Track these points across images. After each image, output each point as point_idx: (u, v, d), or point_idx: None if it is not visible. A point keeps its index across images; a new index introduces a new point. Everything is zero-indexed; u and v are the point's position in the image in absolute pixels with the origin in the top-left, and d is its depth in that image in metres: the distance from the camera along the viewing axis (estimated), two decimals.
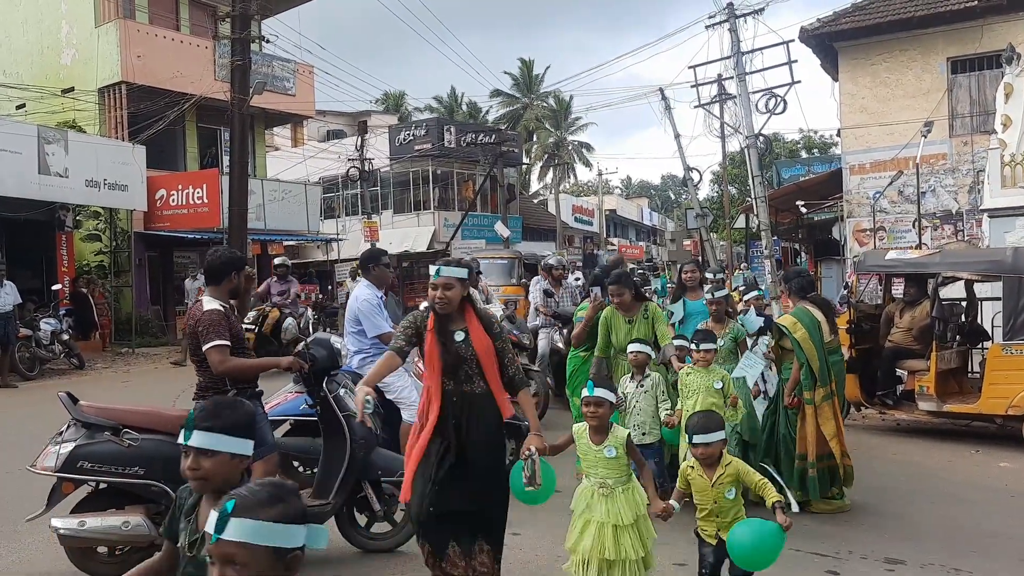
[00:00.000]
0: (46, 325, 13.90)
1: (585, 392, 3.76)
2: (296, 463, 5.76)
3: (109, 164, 16.71)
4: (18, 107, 19.58)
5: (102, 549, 4.64)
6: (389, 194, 32.10)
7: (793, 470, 5.69)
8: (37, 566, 4.81)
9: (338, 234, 25.86)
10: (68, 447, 4.42)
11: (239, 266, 4.73)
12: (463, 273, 3.84)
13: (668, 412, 5.34)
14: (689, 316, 6.86)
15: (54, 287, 15.75)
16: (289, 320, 4.94)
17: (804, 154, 44.52)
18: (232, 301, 4.70)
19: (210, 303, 4.47)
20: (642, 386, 5.45)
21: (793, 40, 15.14)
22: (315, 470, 5.04)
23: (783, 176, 25.30)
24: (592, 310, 6.42)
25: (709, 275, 8.34)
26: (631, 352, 5.49)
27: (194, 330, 4.45)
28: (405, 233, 30.47)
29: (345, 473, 4.77)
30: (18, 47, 21.39)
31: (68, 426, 4.55)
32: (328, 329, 20.72)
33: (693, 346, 5.34)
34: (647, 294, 7.98)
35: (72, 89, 19.38)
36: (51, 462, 4.44)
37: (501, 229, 26.92)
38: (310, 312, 8.27)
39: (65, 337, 14.17)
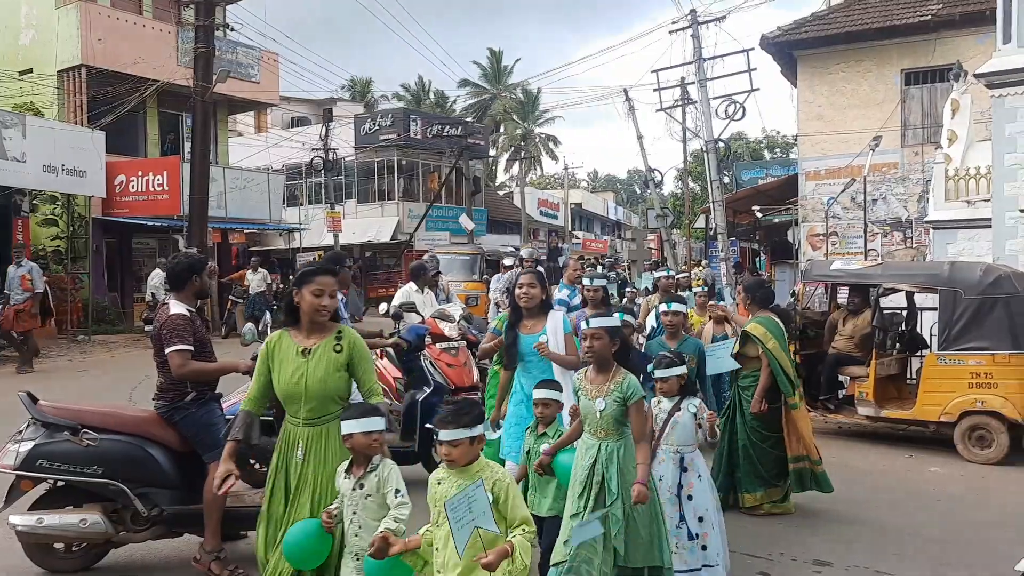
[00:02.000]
0: None
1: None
2: (253, 461, 5.88)
3: (67, 149, 16.49)
4: None
5: (59, 545, 4.76)
6: (353, 183, 32.00)
7: (756, 469, 6.00)
8: None
9: (301, 223, 25.79)
10: (27, 446, 4.52)
11: (198, 269, 4.87)
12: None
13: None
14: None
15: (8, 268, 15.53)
16: (248, 325, 5.06)
17: (767, 154, 45.26)
18: (199, 302, 4.86)
19: (176, 307, 4.61)
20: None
21: (753, 48, 15.51)
22: None
23: (743, 178, 25.78)
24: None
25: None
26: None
27: (158, 332, 4.59)
28: (369, 223, 30.43)
29: None
30: None
31: (27, 425, 4.64)
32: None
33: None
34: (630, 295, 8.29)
35: (30, 71, 19.06)
36: (10, 460, 4.53)
37: (466, 222, 27.05)
38: (268, 316, 8.33)
39: None
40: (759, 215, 18.83)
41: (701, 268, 25.26)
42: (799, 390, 6.08)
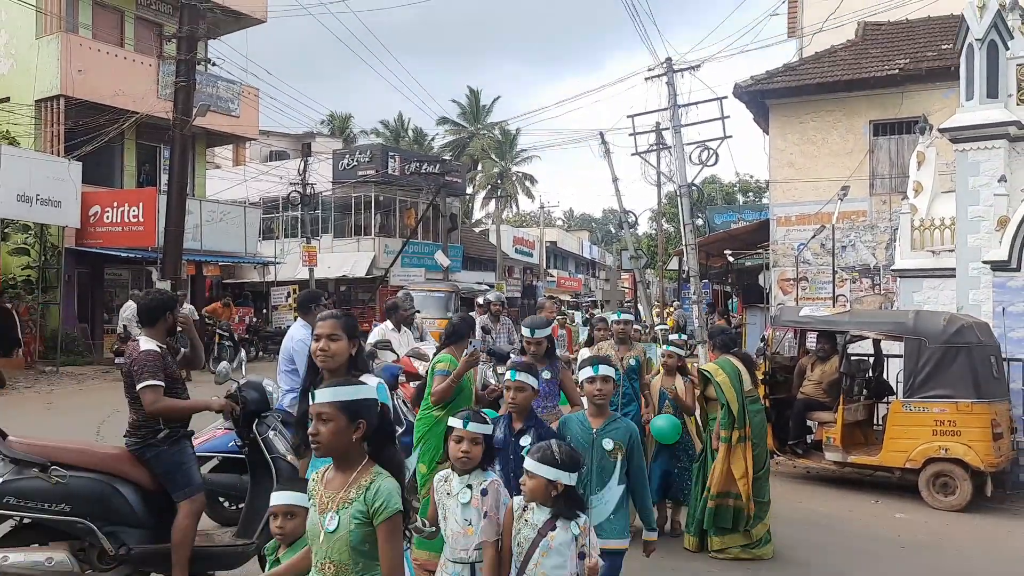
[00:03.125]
0: None
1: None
2: (222, 499, 5.86)
3: (43, 179, 16.42)
4: None
5: None
6: (330, 218, 32.05)
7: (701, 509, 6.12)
8: None
9: (276, 256, 25.74)
10: None
11: (170, 306, 4.90)
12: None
13: None
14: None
15: None
16: (223, 364, 5.07)
17: (740, 197, 45.99)
18: (169, 339, 4.87)
19: (146, 343, 4.62)
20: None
21: (727, 96, 15.83)
22: (241, 506, 5.16)
23: (716, 222, 26.18)
24: (465, 365, 5.26)
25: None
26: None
27: (129, 369, 4.59)
28: (344, 258, 30.42)
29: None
30: None
31: None
32: (261, 354, 20.60)
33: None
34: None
35: (7, 100, 19.01)
36: None
37: (441, 258, 27.14)
38: (243, 353, 8.28)
39: None
40: (731, 259, 19.12)
41: (673, 309, 25.53)
42: (740, 431, 6.13)
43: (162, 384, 4.53)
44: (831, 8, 17.39)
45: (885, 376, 9.64)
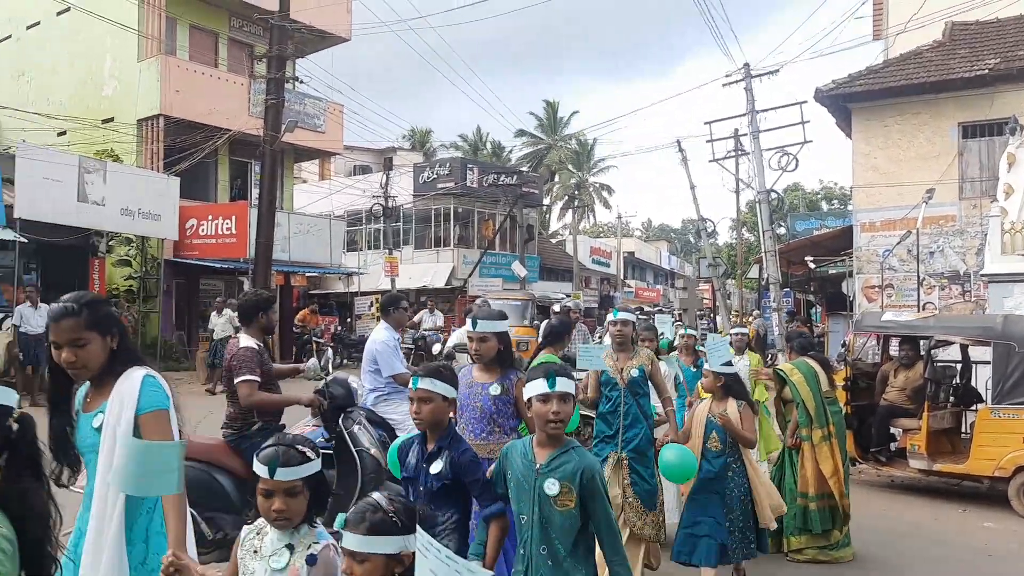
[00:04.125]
0: None
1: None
2: None
3: (144, 194, 17.40)
4: (59, 134, 20.45)
5: None
6: (411, 230, 32.75)
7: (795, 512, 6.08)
8: None
9: (359, 267, 26.47)
10: None
11: (266, 307, 5.23)
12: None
13: None
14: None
15: None
16: (311, 361, 5.38)
17: (824, 205, 44.90)
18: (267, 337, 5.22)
19: (245, 340, 4.96)
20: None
21: (807, 101, 15.60)
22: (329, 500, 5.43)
23: (797, 229, 25.67)
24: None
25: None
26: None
27: (229, 364, 4.93)
28: (424, 268, 31.03)
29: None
30: (63, 78, 22.30)
31: None
32: (346, 362, 21.23)
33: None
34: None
35: (112, 120, 20.21)
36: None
37: (518, 268, 27.41)
38: (330, 352, 8.72)
39: None
40: (812, 266, 18.74)
41: (753, 318, 25.11)
42: (823, 430, 6.12)
43: (258, 379, 4.85)
44: (916, 9, 16.95)
45: (973, 382, 9.36)
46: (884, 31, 20.15)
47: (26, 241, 14.93)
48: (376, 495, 2.14)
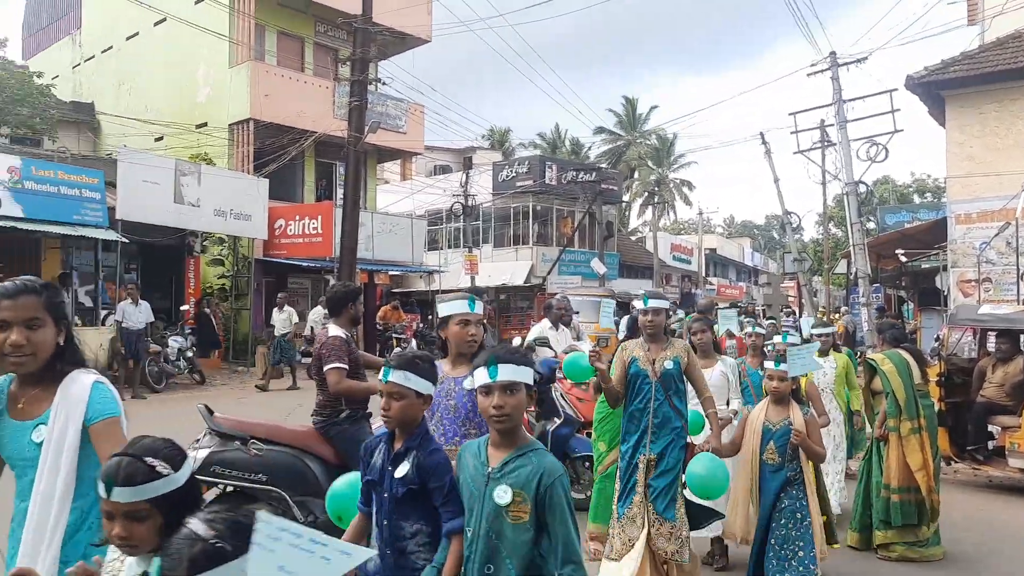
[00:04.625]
0: (173, 342, 15.18)
1: None
2: None
3: (236, 195, 18.09)
4: (156, 139, 21.42)
5: None
6: (490, 228, 32.99)
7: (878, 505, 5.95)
8: None
9: (440, 266, 26.84)
10: (204, 452, 5.07)
11: (354, 298, 5.42)
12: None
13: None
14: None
15: (181, 307, 17.11)
16: (396, 350, 5.59)
17: (916, 198, 43.23)
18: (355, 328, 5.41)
19: (334, 330, 5.16)
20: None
21: (897, 89, 15.05)
22: None
23: (887, 222, 24.79)
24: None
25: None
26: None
27: (318, 352, 5.13)
28: (503, 267, 31.22)
29: None
30: (160, 86, 23.35)
31: (204, 434, 5.21)
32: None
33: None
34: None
35: (205, 125, 21.06)
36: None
37: (597, 266, 27.30)
38: (414, 344, 8.95)
39: (189, 354, 15.43)
40: (904, 259, 18.09)
41: (841, 315, 24.37)
42: (912, 422, 5.96)
43: (346, 367, 5.02)
44: None
45: None
46: (979, 15, 19.27)
47: (127, 241, 15.70)
48: (193, 521, 1.54)
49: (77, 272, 16.25)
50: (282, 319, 15.53)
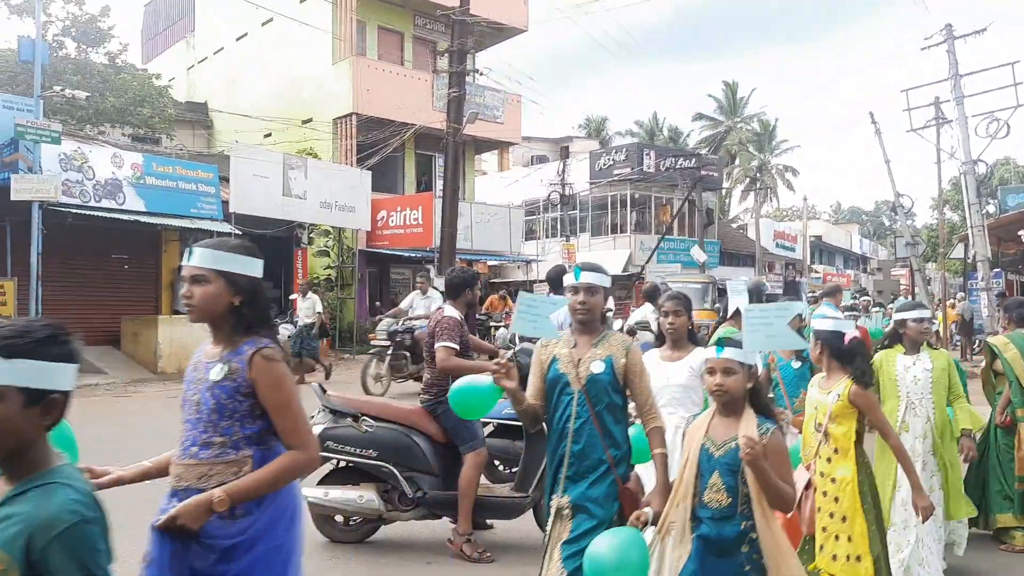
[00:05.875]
0: (284, 330, 15.75)
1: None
2: (497, 462, 6.41)
3: (340, 188, 18.68)
4: (265, 136, 22.28)
5: (339, 518, 5.50)
6: (587, 217, 32.90)
7: (1000, 496, 5.65)
8: None
9: (538, 255, 26.95)
10: (318, 429, 5.25)
11: (471, 283, 5.59)
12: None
13: None
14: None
15: (291, 297, 17.78)
16: (502, 330, 5.76)
17: None
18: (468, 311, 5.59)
19: (450, 311, 5.36)
20: None
21: (1019, 60, 14.19)
22: (514, 469, 5.62)
23: (1009, 204, 23.38)
24: None
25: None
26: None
27: (432, 330, 5.31)
28: (601, 255, 31.01)
29: (544, 469, 5.36)
30: (268, 83, 24.26)
31: (318, 411, 5.42)
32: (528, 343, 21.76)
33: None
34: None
35: (310, 120, 21.79)
36: None
37: (698, 254, 26.86)
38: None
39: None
40: None
41: (958, 301, 23.21)
42: None
43: (456, 347, 5.18)
44: None
45: None
46: None
47: (240, 233, 16.42)
48: None
49: None
50: (305, 307, 14.49)
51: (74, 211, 14.18)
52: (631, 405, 3.36)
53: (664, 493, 3.05)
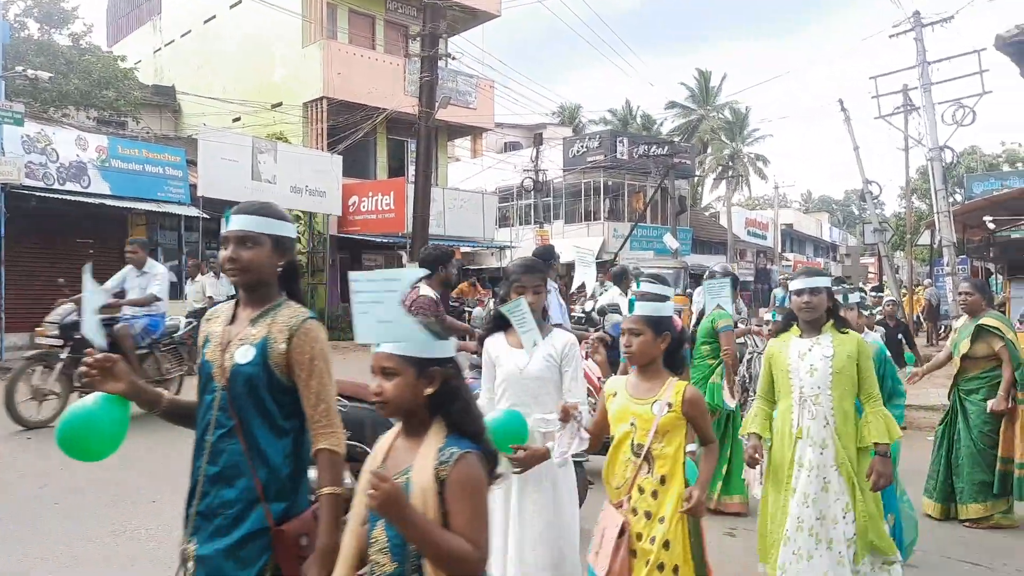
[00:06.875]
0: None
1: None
2: None
3: (310, 172, 18.49)
4: (234, 120, 21.99)
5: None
6: (561, 204, 32.94)
7: (984, 478, 5.66)
8: None
9: (511, 242, 26.93)
10: None
11: (447, 260, 5.56)
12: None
13: None
14: None
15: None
16: (477, 309, 5.75)
17: (1007, 167, 41.32)
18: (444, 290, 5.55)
19: (425, 290, 5.32)
20: None
21: (985, 48, 14.38)
22: None
23: (975, 191, 23.77)
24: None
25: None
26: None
27: (407, 311, 5.27)
28: (574, 242, 31.12)
29: None
30: (236, 66, 23.92)
31: None
32: None
33: None
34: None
35: (280, 104, 21.53)
36: None
37: (670, 241, 26.98)
38: (492, 304, 9.09)
39: None
40: (992, 227, 17.31)
41: (924, 288, 23.58)
42: None
43: None
44: None
45: None
46: None
47: (208, 218, 16.21)
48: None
49: (162, 248, 16.88)
50: (194, 291, 13.05)
51: (38, 194, 13.92)
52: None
53: (323, 555, 2.17)
